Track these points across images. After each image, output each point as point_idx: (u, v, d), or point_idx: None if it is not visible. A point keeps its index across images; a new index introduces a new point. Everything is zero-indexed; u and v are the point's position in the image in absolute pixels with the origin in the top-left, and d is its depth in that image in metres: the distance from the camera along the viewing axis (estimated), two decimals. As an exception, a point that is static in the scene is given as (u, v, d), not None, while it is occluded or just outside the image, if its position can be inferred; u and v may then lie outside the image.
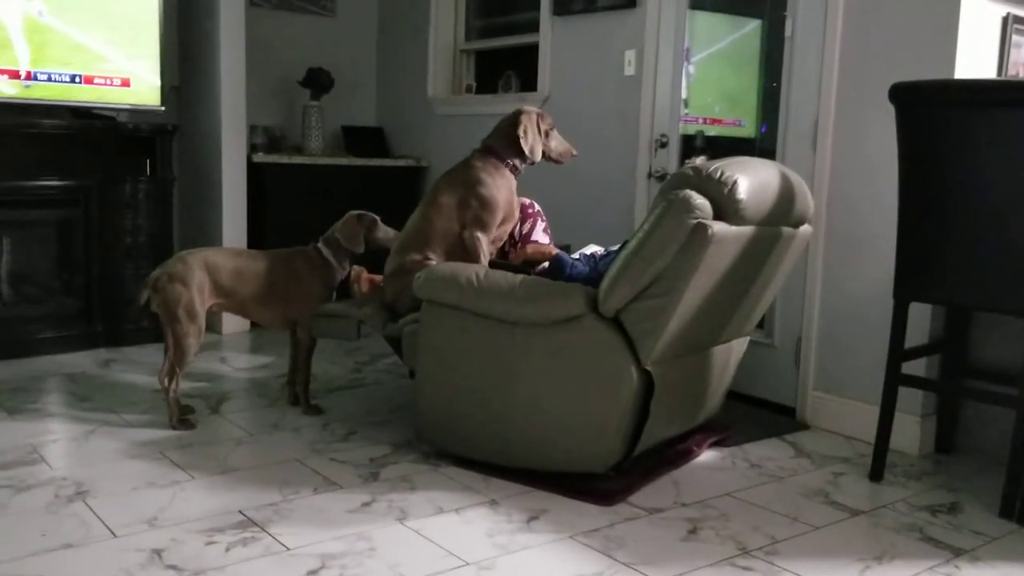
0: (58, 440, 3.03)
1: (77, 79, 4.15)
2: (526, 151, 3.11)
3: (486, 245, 3.04)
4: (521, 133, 3.10)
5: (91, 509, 2.45)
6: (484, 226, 3.03)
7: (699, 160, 3.18)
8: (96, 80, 4.20)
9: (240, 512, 2.46)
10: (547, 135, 3.18)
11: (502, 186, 3.08)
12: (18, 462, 2.79)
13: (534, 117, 3.16)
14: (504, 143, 3.13)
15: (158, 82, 4.36)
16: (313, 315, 3.29)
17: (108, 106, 4.30)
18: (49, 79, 4.08)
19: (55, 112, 4.16)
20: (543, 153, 3.18)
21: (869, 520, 2.60)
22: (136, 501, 2.52)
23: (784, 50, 3.59)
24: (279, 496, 2.59)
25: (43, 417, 3.27)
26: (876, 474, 2.91)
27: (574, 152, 3.26)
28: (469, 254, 3.02)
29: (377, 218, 3.37)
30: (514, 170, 3.14)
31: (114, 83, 4.25)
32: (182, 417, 3.18)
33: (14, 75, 4.00)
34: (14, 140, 4.04)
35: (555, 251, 3.06)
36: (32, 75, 4.05)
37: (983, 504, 2.73)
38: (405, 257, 3.07)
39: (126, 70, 4.27)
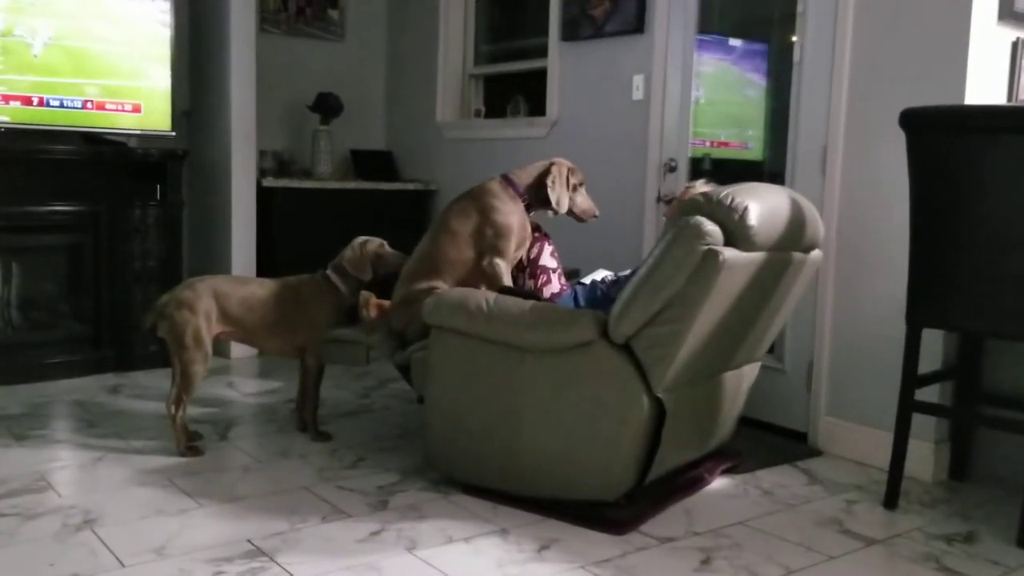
0: (66, 467, 3.02)
1: (88, 105, 4.17)
2: (552, 201, 3.12)
3: (507, 271, 3.05)
4: (550, 183, 3.12)
5: (99, 538, 2.44)
6: (502, 253, 3.04)
7: (699, 183, 3.18)
8: (107, 106, 4.22)
9: (248, 541, 2.44)
10: (575, 189, 3.20)
11: (515, 211, 3.09)
12: (26, 489, 2.78)
13: (564, 169, 3.18)
14: (527, 181, 3.15)
15: (169, 107, 4.38)
16: (323, 341, 3.28)
17: (119, 131, 4.32)
18: (61, 105, 4.11)
19: (66, 137, 4.18)
20: (568, 207, 3.19)
21: (885, 549, 2.57)
22: (144, 530, 2.51)
23: (792, 75, 3.60)
24: (287, 525, 2.57)
25: (51, 444, 3.26)
26: (890, 502, 2.88)
27: (596, 213, 3.27)
28: (490, 282, 3.02)
29: (384, 242, 3.36)
30: (527, 208, 3.15)
31: (125, 108, 4.27)
32: (189, 444, 3.17)
33: (27, 101, 4.03)
34: (25, 165, 4.06)
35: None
36: (44, 101, 4.07)
37: (999, 533, 2.69)
38: (413, 285, 3.06)
39: (137, 95, 4.29)
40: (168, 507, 2.68)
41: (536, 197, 3.15)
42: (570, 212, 3.22)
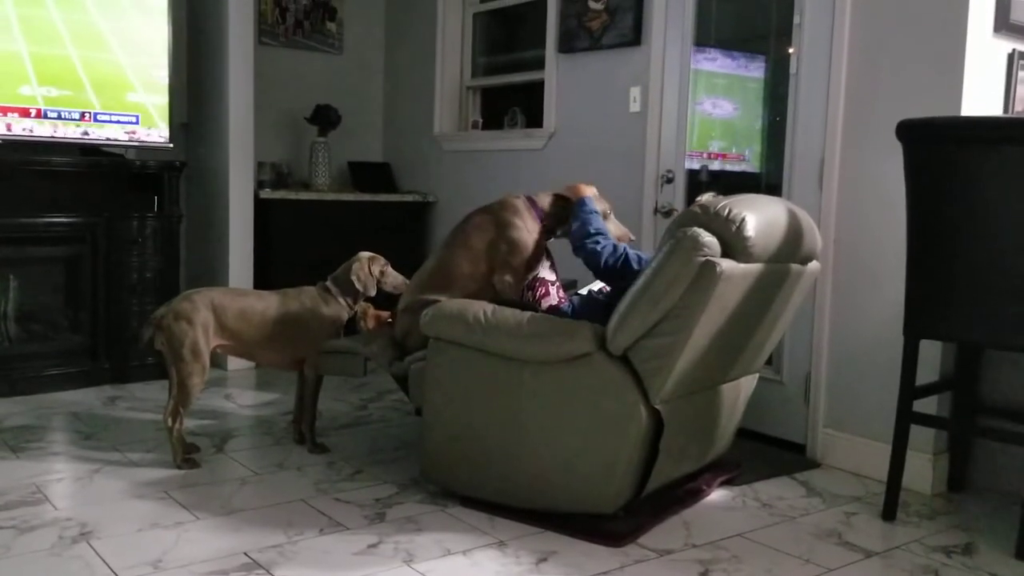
0: (62, 479, 3.01)
1: (86, 116, 4.18)
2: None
3: (515, 289, 3.03)
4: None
5: (95, 551, 2.42)
6: (513, 269, 3.02)
7: (706, 197, 3.18)
8: (105, 117, 4.22)
9: (245, 554, 2.43)
10: (605, 217, 3.11)
11: (532, 231, 3.06)
12: (22, 502, 2.77)
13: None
14: (551, 206, 3.12)
15: (167, 119, 4.39)
16: (320, 352, 3.27)
17: (116, 143, 4.32)
18: (59, 116, 4.11)
19: (64, 149, 4.18)
20: None
21: (883, 562, 2.56)
22: (140, 542, 2.50)
23: (789, 87, 3.61)
24: (284, 537, 2.56)
25: (47, 456, 3.25)
26: (889, 514, 2.87)
27: (632, 237, 3.18)
28: (496, 298, 2.99)
29: (388, 263, 3.38)
30: (545, 232, 3.11)
31: (123, 120, 4.28)
32: (186, 456, 3.16)
33: (24, 113, 4.03)
34: (23, 177, 4.06)
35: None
36: (42, 113, 4.08)
37: (998, 545, 2.69)
38: (421, 295, 3.04)
39: (135, 107, 4.30)
40: (165, 520, 2.66)
41: (555, 221, 3.12)
42: None
